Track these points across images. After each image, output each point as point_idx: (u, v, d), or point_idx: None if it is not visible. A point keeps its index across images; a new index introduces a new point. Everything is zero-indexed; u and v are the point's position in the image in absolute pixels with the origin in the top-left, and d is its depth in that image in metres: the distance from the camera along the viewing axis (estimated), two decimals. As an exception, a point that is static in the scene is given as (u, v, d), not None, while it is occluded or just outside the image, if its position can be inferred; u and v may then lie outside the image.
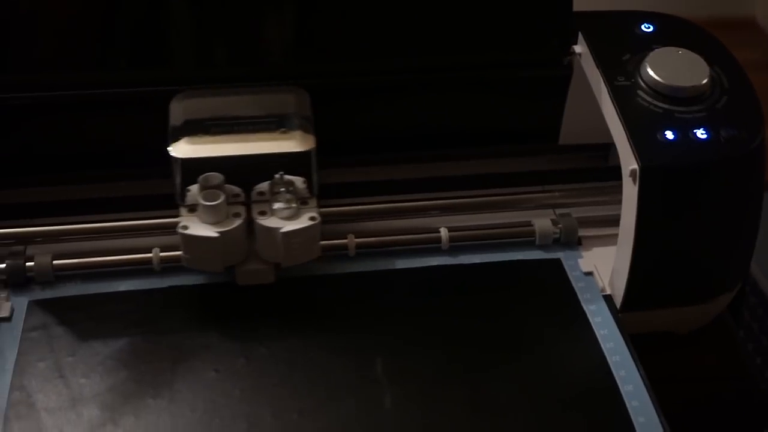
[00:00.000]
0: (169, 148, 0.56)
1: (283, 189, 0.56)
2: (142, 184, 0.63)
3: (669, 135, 0.56)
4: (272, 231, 0.56)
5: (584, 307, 0.58)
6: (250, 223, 0.56)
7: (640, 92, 0.58)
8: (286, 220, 0.56)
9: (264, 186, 0.57)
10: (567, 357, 0.56)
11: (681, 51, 0.60)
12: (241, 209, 0.56)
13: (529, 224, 0.62)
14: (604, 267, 0.61)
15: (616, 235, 0.59)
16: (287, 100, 0.59)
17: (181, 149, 0.56)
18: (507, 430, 0.52)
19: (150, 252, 0.59)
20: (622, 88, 0.59)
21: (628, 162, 0.56)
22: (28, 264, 0.58)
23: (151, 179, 0.63)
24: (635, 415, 0.53)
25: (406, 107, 0.63)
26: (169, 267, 0.59)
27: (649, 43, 0.61)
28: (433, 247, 0.61)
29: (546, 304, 0.59)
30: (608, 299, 0.59)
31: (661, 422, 0.52)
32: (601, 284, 0.60)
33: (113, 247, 0.60)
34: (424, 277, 0.60)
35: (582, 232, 0.63)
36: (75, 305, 0.57)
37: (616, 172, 0.64)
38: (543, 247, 0.62)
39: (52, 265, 0.58)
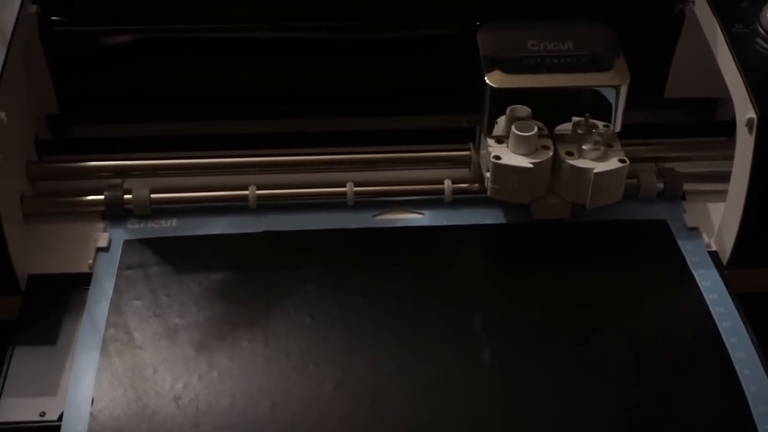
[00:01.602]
0: (485, 78, 0.56)
1: (594, 130, 0.55)
2: (239, 123, 0.63)
3: (790, 84, 0.54)
4: (583, 172, 0.55)
5: (688, 262, 0.56)
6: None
7: (759, 40, 0.56)
8: (596, 162, 0.55)
9: (566, 127, 0.57)
10: (671, 311, 0.54)
11: (804, -2, 0.57)
12: (548, 142, 0.56)
13: (632, 176, 0.60)
14: (709, 223, 0.59)
15: (722, 192, 0.57)
16: (597, 35, 0.58)
17: (495, 79, 0.56)
18: (610, 388, 0.50)
19: (246, 189, 0.58)
20: (740, 35, 0.56)
21: (745, 111, 0.54)
22: (126, 196, 0.58)
23: (250, 119, 0.63)
24: (740, 368, 0.51)
25: None
26: (265, 206, 0.58)
27: (769, -9, 0.58)
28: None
29: (649, 259, 0.57)
30: (714, 255, 0.57)
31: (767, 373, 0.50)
32: (706, 240, 0.58)
33: (209, 184, 0.60)
34: (526, 229, 0.58)
35: (686, 187, 0.60)
36: (170, 245, 0.57)
37: (723, 128, 0.62)
38: (645, 200, 0.60)
39: (150, 198, 0.58)
